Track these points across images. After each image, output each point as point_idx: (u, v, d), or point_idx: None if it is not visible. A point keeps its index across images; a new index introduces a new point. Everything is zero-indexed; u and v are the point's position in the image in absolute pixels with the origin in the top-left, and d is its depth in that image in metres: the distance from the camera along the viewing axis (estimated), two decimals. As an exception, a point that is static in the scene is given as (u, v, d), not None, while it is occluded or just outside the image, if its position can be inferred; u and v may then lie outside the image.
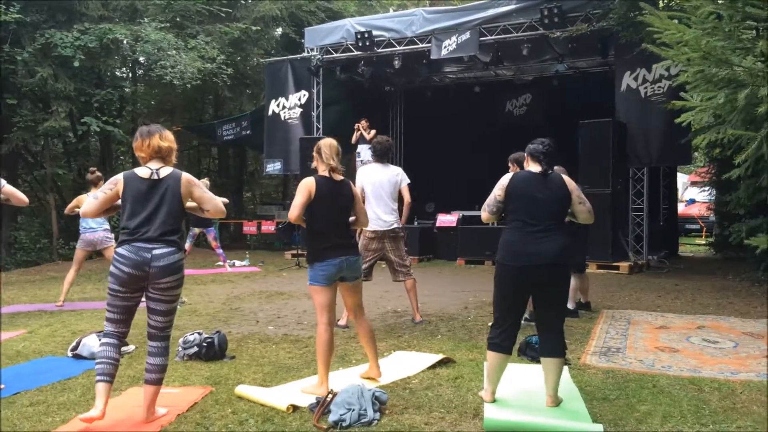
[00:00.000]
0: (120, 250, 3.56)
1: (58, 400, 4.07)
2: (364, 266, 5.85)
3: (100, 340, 4.01)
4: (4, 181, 4.61)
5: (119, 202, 3.74)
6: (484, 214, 3.99)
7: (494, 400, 3.82)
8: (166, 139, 3.74)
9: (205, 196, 3.80)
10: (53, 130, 14.10)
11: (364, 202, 5.76)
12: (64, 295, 7.89)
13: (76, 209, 7.21)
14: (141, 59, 16.43)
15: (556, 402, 3.77)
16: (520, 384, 4.26)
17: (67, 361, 5.12)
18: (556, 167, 6.66)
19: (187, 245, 11.57)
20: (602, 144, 10.63)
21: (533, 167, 3.96)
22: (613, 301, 7.79)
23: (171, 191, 3.66)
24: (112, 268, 3.57)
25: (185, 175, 3.76)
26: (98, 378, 3.53)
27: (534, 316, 4.11)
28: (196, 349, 5.07)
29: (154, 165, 3.70)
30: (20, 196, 4.73)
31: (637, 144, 11.13)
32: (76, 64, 13.32)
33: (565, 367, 4.23)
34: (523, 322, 5.83)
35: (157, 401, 3.73)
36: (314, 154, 4.32)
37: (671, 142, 10.61)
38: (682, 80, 5.56)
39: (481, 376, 4.45)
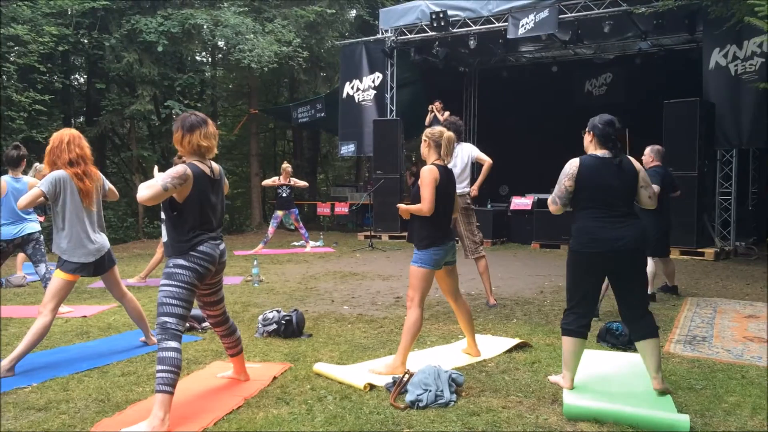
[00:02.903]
0: (203, 248, 3.51)
1: (147, 371, 4.26)
2: None
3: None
4: (107, 181, 4.88)
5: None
6: (554, 206, 3.83)
7: (572, 387, 3.74)
8: (206, 137, 3.54)
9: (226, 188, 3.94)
10: (139, 113, 14.69)
11: None
12: (146, 272, 8.22)
13: None
14: (220, 43, 16.85)
15: (663, 384, 3.68)
16: (600, 370, 4.17)
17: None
18: (656, 146, 6.39)
19: (271, 228, 11.85)
20: (688, 125, 10.18)
21: (600, 151, 3.76)
22: (697, 289, 7.49)
23: (222, 189, 3.73)
24: (190, 264, 3.46)
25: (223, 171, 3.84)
26: (163, 389, 3.24)
27: (616, 305, 4.00)
28: (275, 326, 5.21)
29: (205, 161, 3.58)
30: (116, 193, 5.03)
31: (726, 125, 10.59)
32: (160, 49, 13.80)
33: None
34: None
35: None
36: (428, 142, 4.32)
37: (763, 122, 10.05)
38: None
39: (558, 361, 4.37)
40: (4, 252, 6.28)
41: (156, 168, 3.90)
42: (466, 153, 6.55)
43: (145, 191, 3.33)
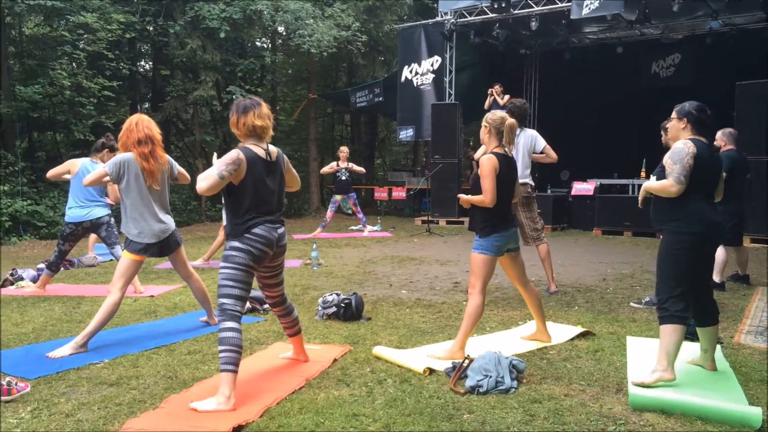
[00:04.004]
0: (258, 230, 3.53)
1: (212, 350, 4.38)
2: None
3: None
4: (176, 165, 5.01)
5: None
6: (680, 186, 3.50)
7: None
8: (260, 117, 3.59)
9: (292, 177, 3.90)
10: (201, 98, 15.01)
11: None
12: (209, 253, 8.43)
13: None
14: (280, 29, 17.02)
15: (716, 367, 3.78)
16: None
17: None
18: (728, 129, 6.18)
19: (329, 212, 11.97)
20: (762, 107, 9.72)
21: (697, 137, 3.65)
22: (770, 279, 7.19)
23: (281, 173, 3.74)
24: (244, 246, 3.50)
25: (285, 157, 3.83)
26: (227, 367, 3.34)
27: None
28: (334, 309, 5.26)
29: (259, 143, 3.62)
30: (188, 176, 5.14)
31: (803, 107, 10.06)
32: (222, 35, 14.04)
33: (718, 346, 3.98)
34: (641, 305, 5.60)
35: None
36: (489, 128, 4.26)
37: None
38: None
39: (622, 350, 4.28)
40: (75, 234, 6.55)
41: (215, 155, 3.99)
42: (529, 140, 6.30)
43: (203, 182, 3.41)
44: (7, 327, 5.09)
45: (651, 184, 3.72)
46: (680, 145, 3.60)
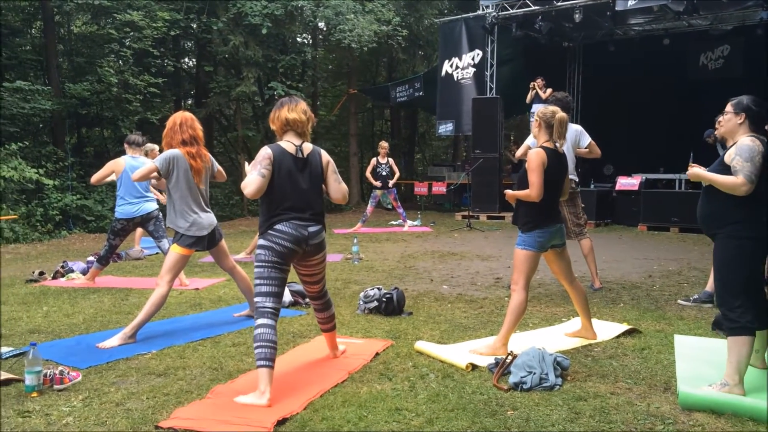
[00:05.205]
0: (280, 226, 3.50)
1: (255, 342, 4.43)
2: None
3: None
4: (216, 163, 5.10)
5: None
6: (749, 186, 3.26)
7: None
8: (294, 110, 3.60)
9: (334, 184, 3.75)
10: (244, 94, 15.19)
11: None
12: (251, 248, 8.54)
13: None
14: (321, 24, 17.10)
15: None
16: (716, 359, 3.94)
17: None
18: None
19: (369, 207, 12.00)
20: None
21: (755, 134, 3.45)
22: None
23: (315, 171, 3.66)
24: (266, 243, 3.50)
25: (325, 156, 3.75)
26: (261, 363, 3.35)
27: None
28: (376, 303, 5.28)
29: (295, 140, 3.62)
30: (224, 175, 5.24)
31: None
32: (264, 31, 14.17)
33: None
34: (689, 302, 5.46)
35: (346, 350, 4.17)
36: (539, 122, 4.23)
37: None
38: None
39: (670, 349, 4.19)
40: (125, 229, 6.72)
41: (246, 163, 4.03)
42: (574, 135, 6.14)
43: (249, 187, 3.45)
44: (59, 318, 5.25)
45: (715, 176, 3.40)
46: (748, 141, 3.37)
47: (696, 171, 3.54)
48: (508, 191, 4.30)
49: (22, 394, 3.42)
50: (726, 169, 3.37)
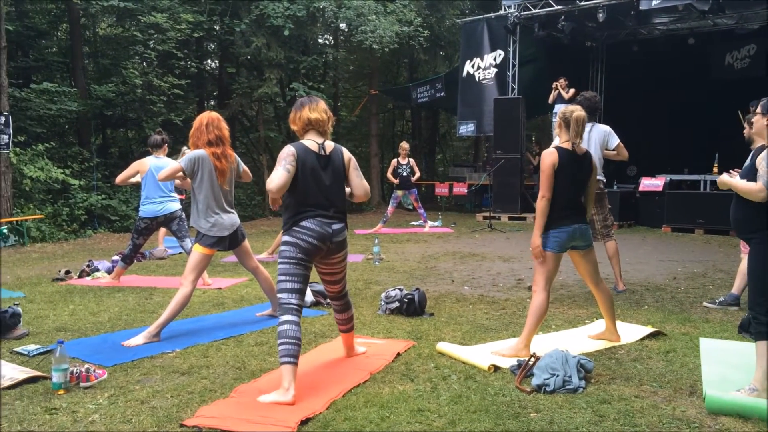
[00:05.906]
0: (305, 223, 3.53)
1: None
2: None
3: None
4: (242, 163, 5.14)
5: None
6: (766, 192, 3.22)
7: None
8: (315, 110, 3.64)
9: (356, 180, 3.77)
10: (266, 95, 15.30)
11: None
12: (273, 247, 8.58)
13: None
14: (342, 26, 17.14)
15: None
16: (743, 362, 3.88)
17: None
18: None
19: (390, 208, 12.00)
20: None
21: None
22: None
23: (338, 168, 3.68)
24: (292, 239, 3.53)
25: (347, 154, 3.78)
26: (285, 360, 3.37)
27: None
28: (397, 304, 5.27)
29: (317, 138, 3.65)
30: (250, 175, 5.29)
31: None
32: (286, 32, 14.25)
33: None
34: (715, 305, 5.37)
35: (367, 351, 4.14)
36: (560, 121, 4.21)
37: None
38: None
39: (695, 352, 4.14)
40: (149, 228, 6.80)
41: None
42: (602, 136, 6.06)
43: (273, 183, 3.46)
44: (85, 316, 5.32)
45: (737, 182, 3.38)
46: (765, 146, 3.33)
47: (723, 178, 3.51)
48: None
49: (49, 391, 3.48)
50: (755, 174, 3.32)
